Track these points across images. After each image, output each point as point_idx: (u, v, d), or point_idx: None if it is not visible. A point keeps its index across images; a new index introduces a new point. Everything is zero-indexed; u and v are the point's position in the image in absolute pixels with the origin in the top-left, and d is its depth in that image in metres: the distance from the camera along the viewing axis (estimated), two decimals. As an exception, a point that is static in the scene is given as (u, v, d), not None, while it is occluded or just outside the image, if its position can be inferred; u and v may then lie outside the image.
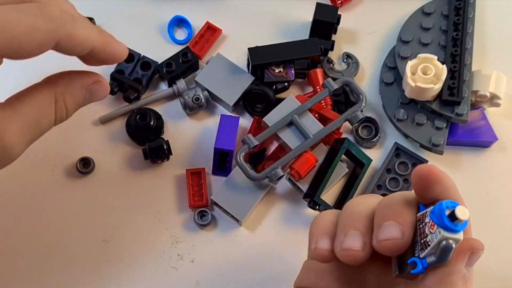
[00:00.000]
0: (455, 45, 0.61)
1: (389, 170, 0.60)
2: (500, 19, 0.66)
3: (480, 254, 0.40)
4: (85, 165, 0.59)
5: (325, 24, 0.62)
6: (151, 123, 0.59)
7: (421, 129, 0.60)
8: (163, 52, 0.62)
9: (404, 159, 0.60)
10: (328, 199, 0.59)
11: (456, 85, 0.60)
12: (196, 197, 0.59)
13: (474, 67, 0.62)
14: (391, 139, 0.62)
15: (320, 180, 0.57)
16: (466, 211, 0.37)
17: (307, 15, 0.64)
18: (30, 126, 0.44)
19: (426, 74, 0.58)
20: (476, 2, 0.64)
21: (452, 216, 0.37)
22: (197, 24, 0.64)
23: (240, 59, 0.63)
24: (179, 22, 0.65)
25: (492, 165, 0.61)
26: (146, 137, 0.60)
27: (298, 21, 0.65)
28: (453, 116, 0.60)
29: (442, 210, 0.38)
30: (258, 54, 0.60)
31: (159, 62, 0.62)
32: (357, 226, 0.42)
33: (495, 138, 0.60)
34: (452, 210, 0.37)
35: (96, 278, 0.57)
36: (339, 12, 0.63)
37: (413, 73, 0.59)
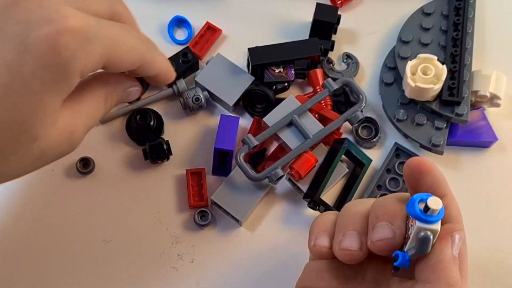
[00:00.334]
0: (455, 45, 0.61)
1: (389, 170, 0.60)
2: (500, 19, 0.66)
3: (462, 235, 0.41)
4: (85, 165, 0.59)
5: (325, 24, 0.62)
6: (151, 123, 0.59)
7: (421, 129, 0.60)
8: (163, 52, 0.62)
9: (404, 159, 0.60)
10: (328, 199, 0.59)
11: (456, 85, 0.60)
12: (196, 197, 0.59)
13: (474, 67, 0.62)
14: (391, 139, 0.62)
15: (320, 180, 0.57)
16: (439, 201, 0.39)
17: (307, 15, 0.64)
18: (89, 121, 0.47)
19: (426, 74, 0.58)
20: (476, 2, 0.64)
21: (426, 208, 0.39)
22: (197, 24, 0.64)
23: (240, 59, 0.63)
24: (179, 22, 0.65)
25: (492, 166, 0.61)
26: (146, 137, 0.60)
27: (298, 21, 0.65)
28: (453, 116, 0.60)
29: (413, 202, 0.39)
30: (258, 54, 0.60)
31: (159, 62, 0.62)
32: (355, 226, 0.43)
33: (495, 138, 0.60)
34: (425, 202, 0.39)
35: (96, 278, 0.57)
36: (339, 12, 0.63)
37: (413, 73, 0.59)
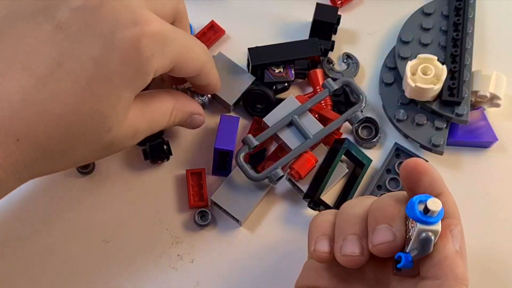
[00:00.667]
0: (455, 46, 0.61)
1: (389, 171, 0.60)
2: (500, 19, 0.66)
3: (460, 229, 0.41)
4: (85, 165, 0.59)
5: (325, 25, 0.62)
6: (151, 123, 0.59)
7: (421, 130, 0.60)
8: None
9: (404, 160, 0.60)
10: (328, 199, 0.59)
11: (456, 86, 0.60)
12: (196, 197, 0.59)
13: (474, 68, 0.62)
14: (391, 140, 0.62)
15: (320, 181, 0.57)
16: (438, 203, 0.39)
17: (307, 15, 0.64)
18: (152, 125, 0.48)
19: (426, 75, 0.58)
20: (476, 2, 0.64)
21: (426, 209, 0.39)
22: (198, 25, 0.64)
23: (240, 59, 0.63)
24: (179, 22, 0.65)
25: (492, 166, 0.61)
26: (146, 137, 0.59)
27: (298, 21, 0.65)
28: (453, 117, 0.60)
29: (413, 204, 0.39)
30: (258, 54, 0.60)
31: (159, 62, 0.62)
32: (354, 230, 0.43)
33: (495, 139, 0.60)
34: (425, 203, 0.39)
35: (96, 278, 0.57)
36: (339, 13, 0.63)
37: (413, 74, 0.59)
